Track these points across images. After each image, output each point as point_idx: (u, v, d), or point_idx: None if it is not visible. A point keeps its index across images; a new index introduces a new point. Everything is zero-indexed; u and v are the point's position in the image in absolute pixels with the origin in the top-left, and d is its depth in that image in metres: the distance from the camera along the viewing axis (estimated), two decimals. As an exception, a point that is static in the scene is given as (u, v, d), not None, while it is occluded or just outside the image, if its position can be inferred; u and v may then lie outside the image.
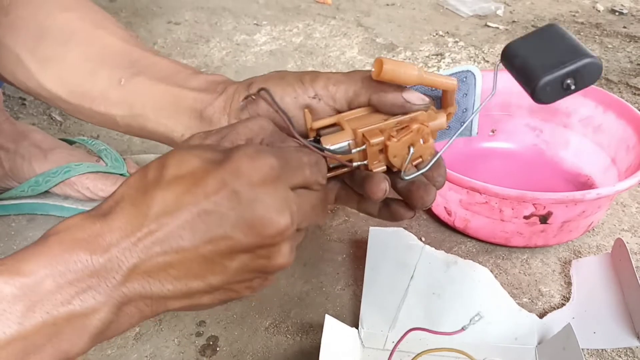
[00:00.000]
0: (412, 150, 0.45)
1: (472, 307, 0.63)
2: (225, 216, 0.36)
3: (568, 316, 0.65)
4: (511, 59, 0.43)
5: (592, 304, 0.67)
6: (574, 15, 1.42)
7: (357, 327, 0.62)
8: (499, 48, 1.26)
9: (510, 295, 0.67)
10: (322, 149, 0.44)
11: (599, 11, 1.44)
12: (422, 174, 0.46)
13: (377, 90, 0.46)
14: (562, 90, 0.41)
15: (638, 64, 1.19)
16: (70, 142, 0.83)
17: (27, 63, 0.56)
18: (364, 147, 0.44)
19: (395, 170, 0.46)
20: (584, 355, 0.62)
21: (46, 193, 0.79)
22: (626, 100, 0.86)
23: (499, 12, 1.42)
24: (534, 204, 0.69)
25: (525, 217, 0.70)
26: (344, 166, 0.46)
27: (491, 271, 0.71)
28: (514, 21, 1.39)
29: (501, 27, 1.36)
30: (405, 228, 0.73)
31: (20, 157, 0.77)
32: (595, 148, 0.86)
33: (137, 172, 0.39)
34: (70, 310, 0.35)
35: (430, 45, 1.27)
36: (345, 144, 0.45)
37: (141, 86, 0.54)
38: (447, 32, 1.33)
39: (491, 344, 0.62)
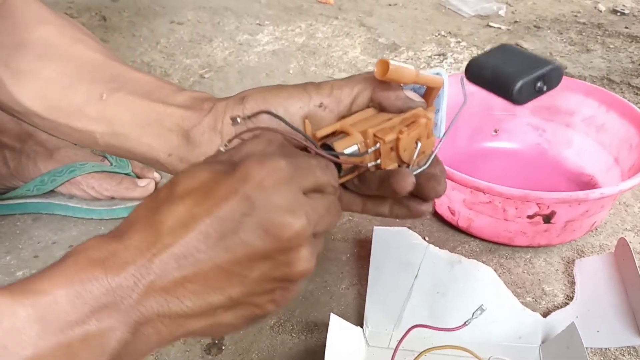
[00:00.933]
0: (419, 144, 0.46)
1: (475, 306, 0.63)
2: (239, 223, 0.36)
3: (572, 315, 0.65)
4: (479, 71, 0.47)
5: (596, 303, 0.67)
6: (575, 16, 1.42)
7: (361, 326, 0.63)
8: (501, 48, 1.26)
9: (514, 295, 0.67)
10: (337, 155, 0.44)
11: (601, 11, 1.44)
12: (429, 166, 0.46)
13: (380, 89, 0.46)
14: (534, 92, 0.45)
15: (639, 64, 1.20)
16: (75, 142, 0.84)
17: (1, 76, 0.53)
18: (377, 146, 0.45)
19: (404, 166, 0.46)
20: (588, 354, 0.62)
21: (51, 192, 0.79)
22: (628, 101, 0.86)
23: (501, 13, 1.42)
24: (537, 204, 0.69)
25: (529, 217, 0.71)
26: (353, 170, 0.46)
27: (495, 270, 0.72)
28: (515, 21, 1.39)
29: (503, 27, 1.36)
30: (409, 227, 0.74)
31: (25, 157, 0.77)
32: (598, 147, 0.86)
33: (150, 195, 0.38)
34: (85, 330, 0.34)
35: (432, 45, 1.28)
36: (355, 147, 0.45)
37: (122, 102, 0.52)
38: (449, 32, 1.33)
39: (495, 342, 0.62)
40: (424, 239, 0.74)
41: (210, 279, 0.36)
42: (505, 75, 0.45)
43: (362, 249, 0.75)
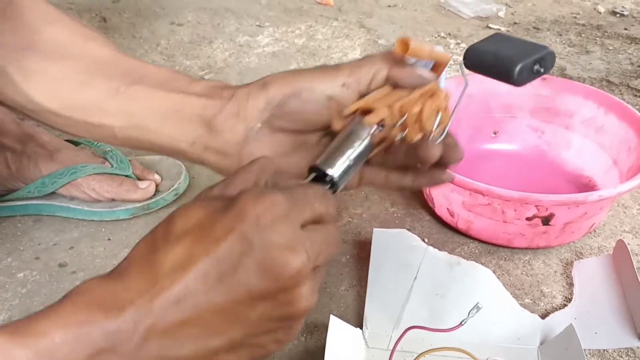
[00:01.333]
0: (439, 115, 0.49)
1: (473, 306, 0.64)
2: (238, 263, 0.35)
3: (570, 317, 0.66)
4: (478, 57, 0.50)
5: (594, 304, 0.67)
6: (575, 17, 1.43)
7: (361, 328, 0.63)
8: (501, 49, 1.27)
9: (513, 296, 0.67)
10: (378, 122, 0.47)
11: (600, 13, 1.44)
12: (446, 135, 0.49)
13: (396, 67, 0.49)
14: (533, 74, 0.48)
15: (639, 66, 1.20)
16: (76, 144, 0.84)
17: (14, 76, 0.53)
18: (405, 118, 0.47)
19: (425, 136, 0.49)
20: (586, 355, 0.63)
21: (52, 194, 0.79)
22: (627, 102, 0.87)
23: (501, 14, 1.42)
24: (536, 206, 0.69)
25: (528, 219, 0.71)
26: (379, 144, 0.49)
27: (493, 272, 0.72)
28: (515, 23, 1.40)
29: (503, 28, 1.36)
30: (408, 229, 0.74)
31: (26, 158, 0.78)
32: (597, 149, 0.86)
33: (147, 235, 0.37)
34: None
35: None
36: (375, 127, 0.48)
37: (140, 94, 0.52)
38: (449, 34, 1.34)
39: (493, 344, 0.62)
40: (424, 240, 0.75)
41: (210, 322, 0.35)
42: (505, 59, 0.48)
43: (362, 251, 0.75)
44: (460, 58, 0.57)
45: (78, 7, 1.41)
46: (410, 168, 0.51)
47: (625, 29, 1.36)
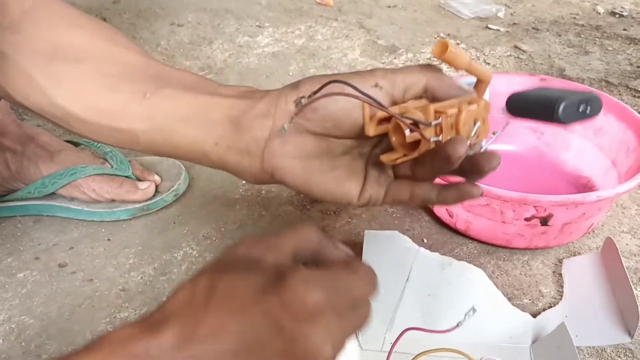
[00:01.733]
0: (477, 123, 0.47)
1: (467, 307, 0.64)
2: (267, 347, 0.35)
3: (561, 315, 0.66)
4: (520, 102, 0.52)
5: (584, 302, 0.68)
6: (574, 18, 1.43)
7: (356, 329, 0.63)
8: (500, 50, 1.27)
9: (511, 296, 0.68)
10: (412, 120, 0.45)
11: (599, 13, 1.45)
12: (489, 144, 0.49)
13: (434, 77, 0.47)
14: (578, 113, 0.48)
15: (638, 67, 1.20)
16: (76, 144, 0.84)
17: (39, 81, 0.53)
18: (439, 120, 0.45)
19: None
20: (584, 354, 0.63)
21: (52, 195, 0.80)
22: (626, 103, 0.87)
23: (500, 14, 1.43)
24: (535, 206, 0.70)
25: (526, 219, 0.71)
26: (413, 150, 0.47)
27: (492, 272, 0.72)
28: (514, 23, 1.40)
29: (502, 29, 1.37)
30: (407, 229, 0.74)
31: (26, 159, 0.78)
32: (596, 150, 0.86)
33: (186, 287, 0.37)
34: None
35: (431, 47, 1.28)
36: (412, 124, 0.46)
37: (167, 97, 0.52)
38: (449, 34, 1.34)
39: (486, 343, 0.63)
40: (422, 241, 0.75)
41: None
42: (549, 99, 0.48)
43: (360, 252, 0.75)
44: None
45: (78, 7, 1.40)
46: (434, 181, 0.50)
47: (625, 29, 1.36)
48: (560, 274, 0.73)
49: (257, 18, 1.40)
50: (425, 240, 0.77)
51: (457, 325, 0.59)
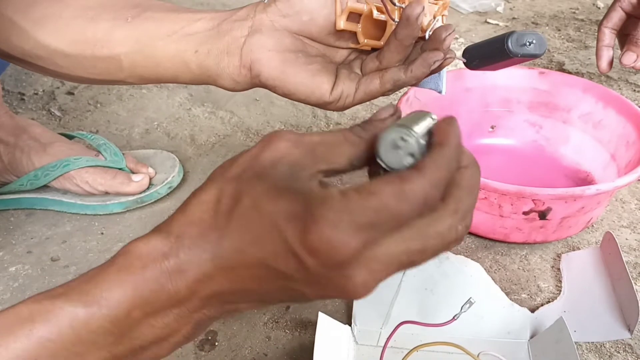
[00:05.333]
0: (438, 18, 0.53)
1: (464, 301, 0.63)
2: (292, 279, 0.33)
3: (560, 310, 0.65)
4: (475, 48, 0.57)
5: (583, 297, 0.67)
6: (574, 12, 1.42)
7: (350, 325, 0.62)
8: (499, 44, 1.26)
9: (509, 291, 0.67)
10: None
11: (599, 8, 1.44)
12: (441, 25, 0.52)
13: None
14: (526, 47, 0.53)
15: (638, 61, 1.19)
16: (70, 137, 0.83)
17: (22, 25, 0.55)
18: (405, 4, 0.50)
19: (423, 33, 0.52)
20: (583, 350, 0.62)
21: (45, 187, 0.79)
22: (626, 97, 0.86)
23: (499, 9, 1.42)
24: (533, 200, 0.69)
25: (525, 213, 0.70)
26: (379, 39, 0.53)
27: (490, 267, 0.72)
28: (514, 18, 1.39)
29: (501, 23, 1.36)
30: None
31: (19, 151, 0.77)
32: (595, 144, 0.85)
33: (211, 191, 0.35)
34: (155, 335, 0.35)
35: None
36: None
37: (150, 19, 0.54)
38: (447, 29, 1.33)
39: (484, 338, 0.62)
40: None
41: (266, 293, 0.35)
42: (498, 37, 0.54)
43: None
44: (458, 53, 0.58)
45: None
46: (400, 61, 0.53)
47: (625, 24, 1.35)
48: (559, 269, 0.72)
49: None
50: (422, 235, 0.76)
51: (454, 317, 0.58)
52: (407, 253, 0.32)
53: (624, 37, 0.83)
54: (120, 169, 0.79)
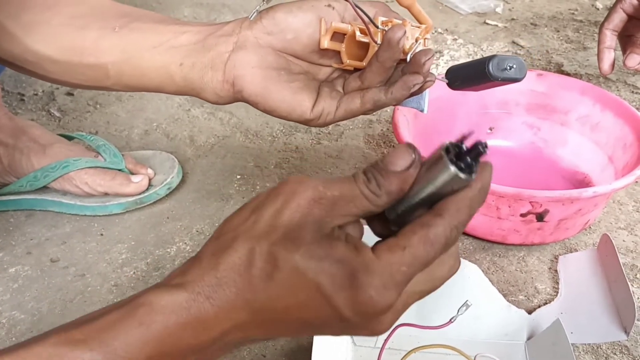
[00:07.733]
0: (420, 42, 0.54)
1: (461, 303, 0.63)
2: (327, 326, 0.35)
3: (556, 311, 0.66)
4: (458, 70, 0.57)
5: (580, 299, 0.67)
6: (572, 13, 1.42)
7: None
8: (498, 46, 1.26)
9: (507, 293, 0.67)
10: (366, 15, 0.52)
11: (598, 9, 1.44)
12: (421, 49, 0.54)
13: (384, 8, 0.54)
14: (506, 71, 0.53)
15: (636, 63, 1.19)
16: (69, 138, 0.83)
17: (11, 29, 0.56)
18: (386, 28, 0.51)
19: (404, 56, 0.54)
20: (579, 351, 0.62)
21: (45, 188, 0.79)
22: (624, 99, 0.86)
23: (498, 10, 1.42)
24: (530, 202, 0.69)
25: (522, 215, 0.71)
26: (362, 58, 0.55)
27: (487, 268, 0.72)
28: (512, 19, 1.39)
29: (500, 24, 1.36)
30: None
31: (19, 152, 0.77)
32: (593, 146, 0.86)
33: (238, 251, 0.35)
34: None
35: (428, 42, 1.27)
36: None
37: (137, 29, 0.55)
38: (446, 30, 1.33)
39: (481, 340, 0.62)
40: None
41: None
42: (480, 60, 0.55)
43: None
44: (457, 54, 0.59)
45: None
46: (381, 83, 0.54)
47: (623, 25, 1.35)
48: (556, 271, 0.73)
49: (253, 12, 1.39)
50: (420, 236, 0.77)
51: (451, 320, 0.59)
52: (427, 292, 0.37)
53: (624, 38, 0.83)
54: (119, 170, 0.79)
